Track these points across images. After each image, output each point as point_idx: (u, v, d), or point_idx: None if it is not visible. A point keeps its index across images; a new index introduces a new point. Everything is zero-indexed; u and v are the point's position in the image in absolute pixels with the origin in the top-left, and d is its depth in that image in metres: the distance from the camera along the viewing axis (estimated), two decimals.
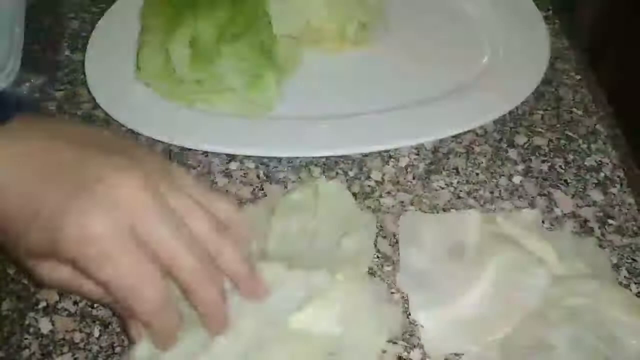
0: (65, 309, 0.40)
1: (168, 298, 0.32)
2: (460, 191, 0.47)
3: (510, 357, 0.36)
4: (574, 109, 0.53)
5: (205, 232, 0.33)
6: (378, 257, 0.42)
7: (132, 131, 0.50)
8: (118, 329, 0.39)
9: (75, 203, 0.30)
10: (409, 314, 0.39)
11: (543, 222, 0.44)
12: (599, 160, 0.49)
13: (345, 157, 0.49)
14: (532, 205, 0.46)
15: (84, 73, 0.55)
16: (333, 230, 0.42)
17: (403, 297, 0.40)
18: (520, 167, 0.48)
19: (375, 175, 0.48)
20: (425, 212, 0.45)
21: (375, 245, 0.43)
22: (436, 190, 0.47)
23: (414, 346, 0.38)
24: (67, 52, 0.59)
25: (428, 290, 0.40)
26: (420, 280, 0.40)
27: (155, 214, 0.31)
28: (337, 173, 0.48)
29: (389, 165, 0.49)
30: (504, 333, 0.37)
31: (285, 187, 0.47)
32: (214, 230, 0.34)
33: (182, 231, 0.32)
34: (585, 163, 0.48)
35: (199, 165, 0.49)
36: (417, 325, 0.39)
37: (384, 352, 0.37)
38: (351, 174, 0.48)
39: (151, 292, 0.31)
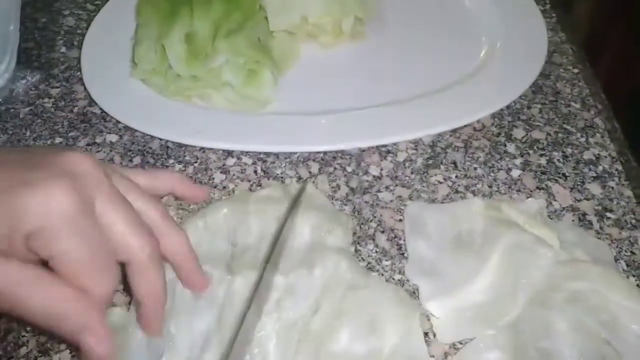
0: None
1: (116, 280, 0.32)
2: (459, 185, 0.46)
3: (520, 340, 0.36)
4: (572, 103, 0.53)
5: (154, 217, 0.33)
6: (376, 251, 0.42)
7: (128, 127, 0.50)
8: None
9: (34, 175, 0.29)
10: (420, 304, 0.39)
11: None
12: (597, 154, 0.48)
13: (343, 152, 0.49)
14: (530, 198, 0.45)
15: (79, 70, 0.55)
16: (316, 228, 0.41)
17: (412, 288, 0.40)
18: (518, 161, 0.48)
19: (374, 170, 0.48)
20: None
21: (374, 240, 0.43)
22: (434, 184, 0.47)
23: None
24: (62, 49, 0.59)
25: (437, 279, 0.40)
26: (429, 270, 0.41)
27: (112, 192, 0.31)
28: (335, 168, 0.48)
29: (387, 160, 0.48)
30: (514, 315, 0.37)
31: (283, 182, 0.47)
32: (162, 216, 0.34)
33: (133, 217, 0.32)
34: (584, 156, 0.48)
35: (195, 162, 0.48)
36: (424, 314, 0.39)
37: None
38: (349, 169, 0.48)
39: (109, 278, 0.31)
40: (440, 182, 0.47)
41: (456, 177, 0.47)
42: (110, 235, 0.31)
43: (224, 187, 0.47)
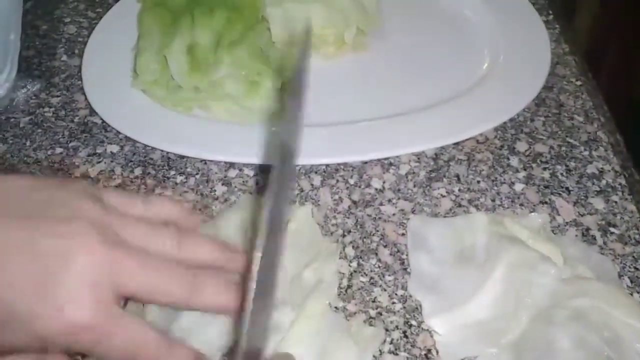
0: None
1: (163, 335, 0.33)
2: (462, 199, 0.46)
3: (523, 358, 0.36)
4: (575, 116, 0.52)
5: (169, 247, 0.34)
6: (379, 266, 0.42)
7: (129, 138, 0.50)
8: None
9: (45, 292, 0.29)
10: (422, 321, 0.39)
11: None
12: (601, 168, 0.48)
13: (345, 165, 0.48)
14: (533, 213, 0.45)
15: (80, 79, 0.54)
16: (295, 260, 0.40)
17: (415, 304, 0.40)
18: (521, 175, 0.48)
19: (376, 183, 0.47)
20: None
21: (377, 255, 0.43)
22: (437, 197, 0.46)
23: (416, 357, 0.38)
24: (63, 58, 0.59)
25: (440, 295, 0.40)
26: (432, 286, 0.40)
27: (128, 260, 0.31)
28: (337, 180, 0.47)
29: (389, 172, 0.48)
30: (516, 333, 0.37)
31: None
32: (177, 241, 0.34)
33: (153, 264, 0.32)
34: (587, 170, 0.48)
35: (197, 173, 0.48)
36: (426, 330, 0.39)
37: None
38: (351, 181, 0.47)
39: (150, 349, 0.32)
40: (443, 196, 0.46)
41: (459, 190, 0.47)
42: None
43: (226, 200, 0.46)
